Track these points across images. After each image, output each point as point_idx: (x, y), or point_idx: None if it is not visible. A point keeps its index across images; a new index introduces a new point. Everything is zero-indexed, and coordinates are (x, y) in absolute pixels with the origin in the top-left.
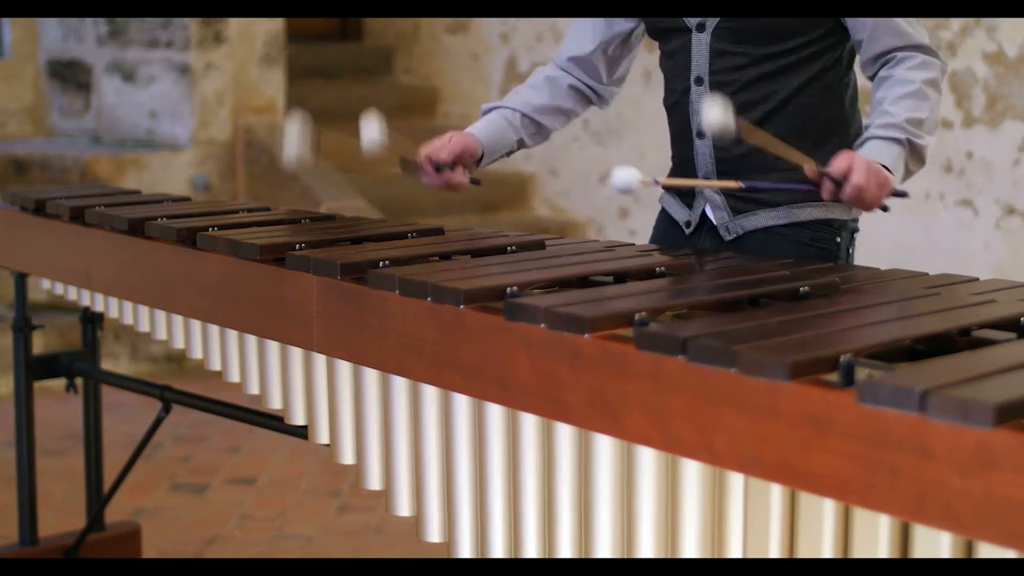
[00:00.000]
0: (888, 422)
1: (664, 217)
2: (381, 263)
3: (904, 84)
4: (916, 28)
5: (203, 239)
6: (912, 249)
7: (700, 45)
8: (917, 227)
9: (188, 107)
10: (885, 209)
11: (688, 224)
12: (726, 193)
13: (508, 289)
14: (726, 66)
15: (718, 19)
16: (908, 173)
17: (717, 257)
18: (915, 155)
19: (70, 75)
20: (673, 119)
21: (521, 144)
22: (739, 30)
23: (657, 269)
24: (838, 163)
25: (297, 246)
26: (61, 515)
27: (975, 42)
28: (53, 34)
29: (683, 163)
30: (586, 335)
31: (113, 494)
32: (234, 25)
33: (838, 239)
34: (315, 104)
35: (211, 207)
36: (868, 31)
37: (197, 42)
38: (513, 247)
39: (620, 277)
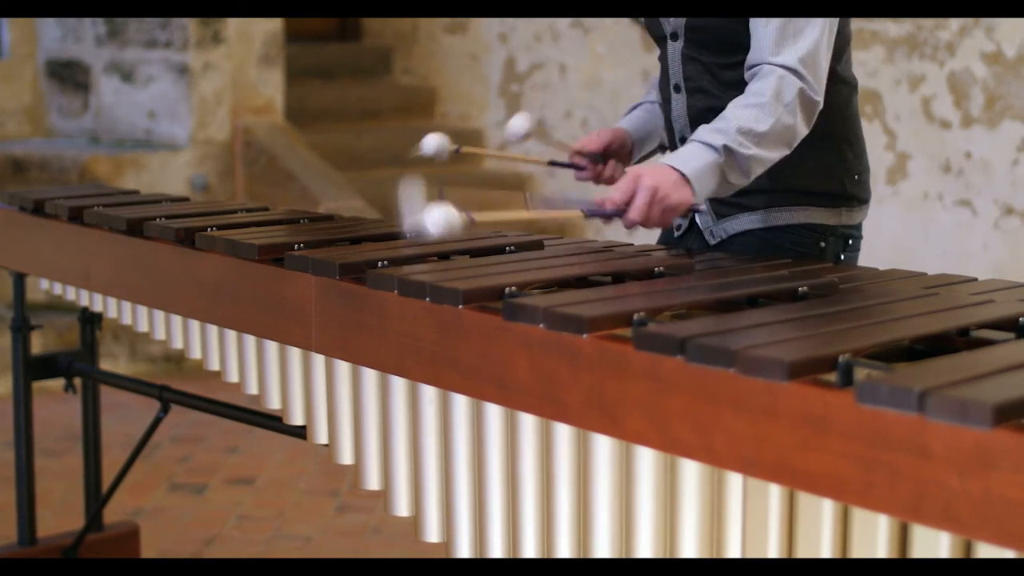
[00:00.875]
0: (887, 422)
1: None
2: (380, 263)
3: (753, 95)
4: (792, 46)
5: (202, 239)
6: (911, 249)
7: (675, 53)
8: (916, 227)
9: (187, 107)
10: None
11: (679, 228)
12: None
13: (507, 289)
14: (695, 73)
15: (685, 28)
16: (728, 185)
17: (715, 257)
18: (736, 166)
19: (69, 75)
20: (664, 126)
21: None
22: (705, 38)
23: (655, 269)
24: (618, 193)
25: (296, 246)
26: (60, 515)
27: (974, 42)
28: (52, 34)
29: None
30: (585, 335)
31: (112, 494)
32: (233, 25)
33: (822, 244)
34: (314, 104)
35: (210, 207)
36: (752, 33)
37: (196, 42)
38: (512, 247)
39: (618, 277)
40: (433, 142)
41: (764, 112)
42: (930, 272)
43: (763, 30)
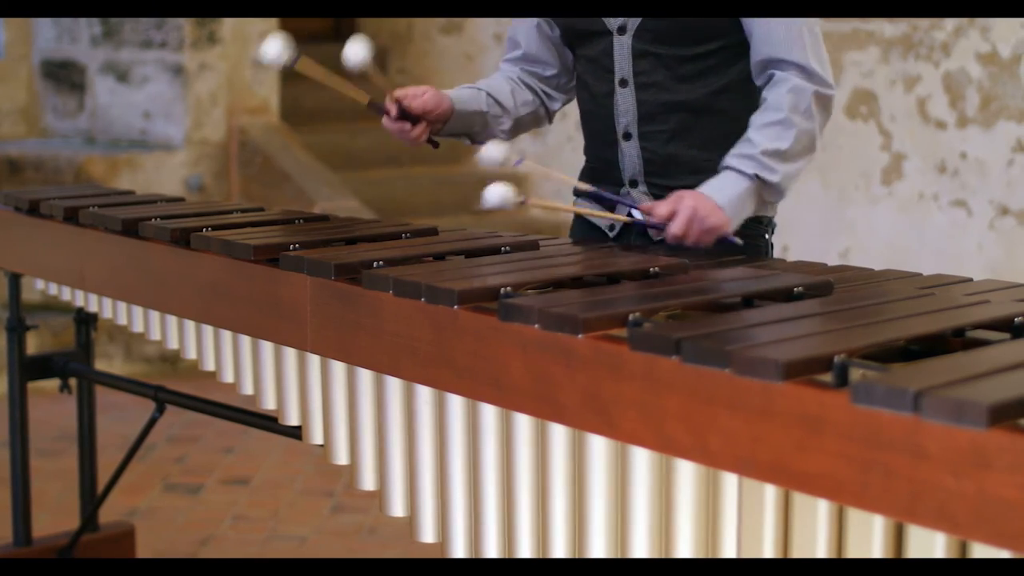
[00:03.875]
0: (882, 422)
1: (582, 221)
2: (375, 263)
3: (772, 111)
4: (800, 40)
5: (197, 239)
6: (906, 249)
7: (622, 47)
8: (911, 227)
9: (182, 107)
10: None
11: (612, 227)
12: (653, 193)
13: (502, 289)
14: (648, 67)
15: (639, 21)
16: (765, 204)
17: (711, 258)
18: (770, 187)
19: (64, 75)
20: (592, 123)
21: (484, 124)
22: (660, 32)
23: (651, 269)
24: (663, 207)
25: (291, 246)
26: (55, 515)
27: (969, 43)
28: (47, 34)
29: (605, 167)
30: (580, 335)
31: (107, 494)
32: (228, 25)
33: (767, 235)
34: (309, 104)
35: (205, 207)
36: (753, 36)
37: (191, 42)
38: (507, 247)
39: (614, 278)
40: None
41: (785, 127)
42: (925, 272)
43: (767, 29)
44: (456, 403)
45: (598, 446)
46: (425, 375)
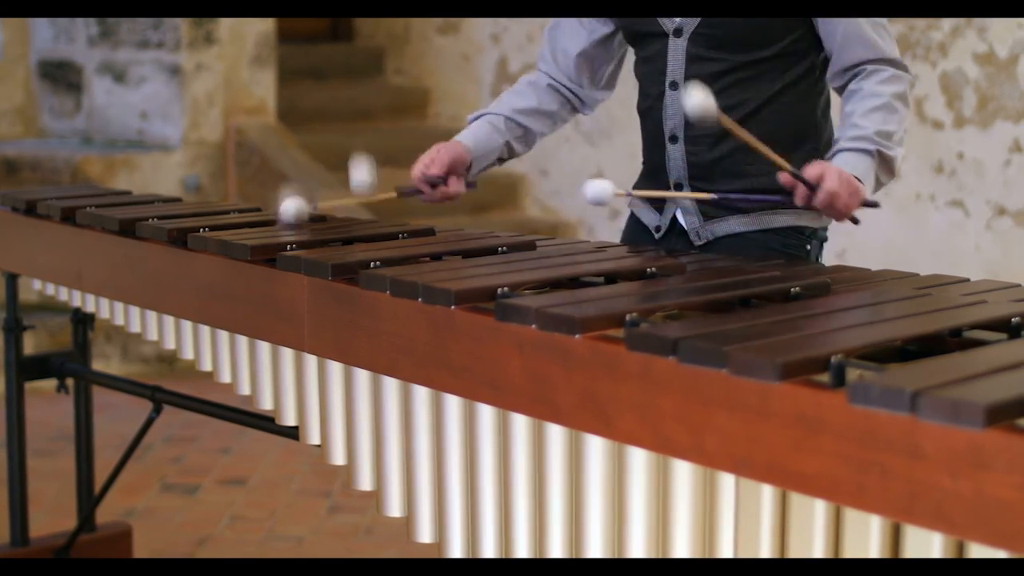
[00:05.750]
0: (879, 423)
1: (633, 222)
2: (372, 264)
3: (873, 97)
4: (886, 40)
5: (194, 240)
6: (903, 250)
7: (676, 50)
8: (908, 228)
9: (179, 108)
10: (855, 221)
11: (658, 229)
12: (697, 199)
13: (499, 290)
14: (702, 71)
15: (696, 24)
16: (879, 184)
17: (708, 258)
18: (885, 166)
19: (61, 76)
20: (646, 124)
21: (510, 149)
22: (716, 36)
23: (648, 270)
24: (811, 169)
25: (288, 247)
26: (52, 516)
27: (966, 43)
28: (44, 35)
29: (654, 169)
30: (577, 336)
31: (104, 495)
32: (225, 26)
33: (808, 246)
34: (306, 105)
35: (202, 208)
36: (838, 41)
37: (188, 43)
38: (504, 248)
39: (611, 278)
40: (291, 206)
41: (889, 112)
42: (922, 273)
43: (842, 27)
44: (453, 403)
45: (595, 446)
46: (422, 375)
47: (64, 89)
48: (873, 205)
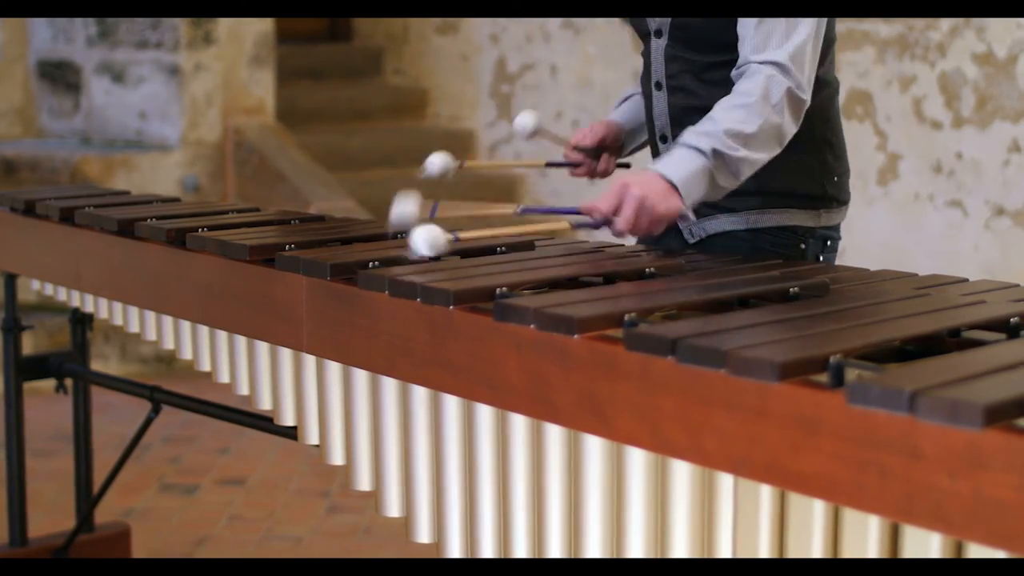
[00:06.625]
0: (878, 423)
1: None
2: (371, 264)
3: (740, 96)
4: (782, 43)
5: (193, 240)
6: (902, 250)
7: (658, 50)
8: (907, 228)
9: (177, 108)
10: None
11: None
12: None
13: (498, 290)
14: (679, 71)
15: (671, 25)
16: (716, 187)
17: (707, 258)
18: (726, 168)
19: (59, 76)
20: (647, 123)
21: None
22: (689, 36)
23: (646, 270)
24: (606, 202)
25: (287, 247)
26: (51, 516)
27: (965, 43)
28: (43, 35)
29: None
30: (575, 336)
31: (103, 495)
32: (224, 26)
33: (803, 246)
34: (305, 105)
35: (201, 208)
36: (740, 34)
37: (187, 43)
38: (503, 248)
39: (609, 278)
40: (438, 162)
41: (752, 113)
42: (921, 273)
43: (753, 29)
44: (451, 403)
45: (594, 446)
46: (420, 375)
47: (63, 89)
48: (686, 217)
